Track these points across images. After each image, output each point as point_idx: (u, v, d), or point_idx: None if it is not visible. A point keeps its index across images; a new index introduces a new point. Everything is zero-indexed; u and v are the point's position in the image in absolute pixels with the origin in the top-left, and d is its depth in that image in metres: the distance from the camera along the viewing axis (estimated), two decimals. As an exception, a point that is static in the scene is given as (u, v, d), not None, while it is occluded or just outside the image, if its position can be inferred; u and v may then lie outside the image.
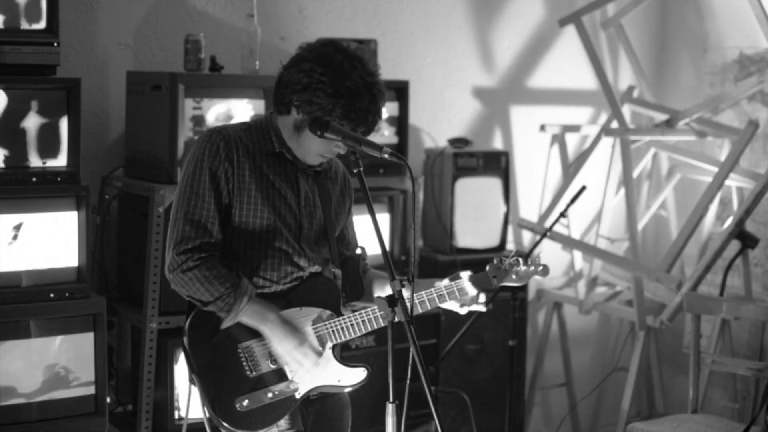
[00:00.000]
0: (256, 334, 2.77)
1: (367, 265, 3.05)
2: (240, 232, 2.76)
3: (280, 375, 2.77)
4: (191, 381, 2.76)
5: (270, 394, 2.75)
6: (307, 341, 2.77)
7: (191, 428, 3.06)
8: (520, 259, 2.85)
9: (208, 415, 2.74)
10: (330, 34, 4.50)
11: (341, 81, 2.67)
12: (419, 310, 2.81)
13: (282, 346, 2.76)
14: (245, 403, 2.72)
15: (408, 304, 2.55)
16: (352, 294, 2.99)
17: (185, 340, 2.76)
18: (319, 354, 2.78)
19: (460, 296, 2.81)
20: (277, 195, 2.78)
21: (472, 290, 2.81)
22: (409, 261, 4.44)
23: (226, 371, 2.74)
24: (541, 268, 2.87)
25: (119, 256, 4.12)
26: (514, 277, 2.85)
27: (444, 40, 5.02)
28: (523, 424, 4.92)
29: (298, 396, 2.78)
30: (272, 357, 2.77)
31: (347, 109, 2.67)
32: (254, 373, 2.75)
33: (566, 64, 5.35)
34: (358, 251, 3.01)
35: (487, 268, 2.84)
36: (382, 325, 2.78)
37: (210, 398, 2.71)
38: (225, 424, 2.71)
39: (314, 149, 2.76)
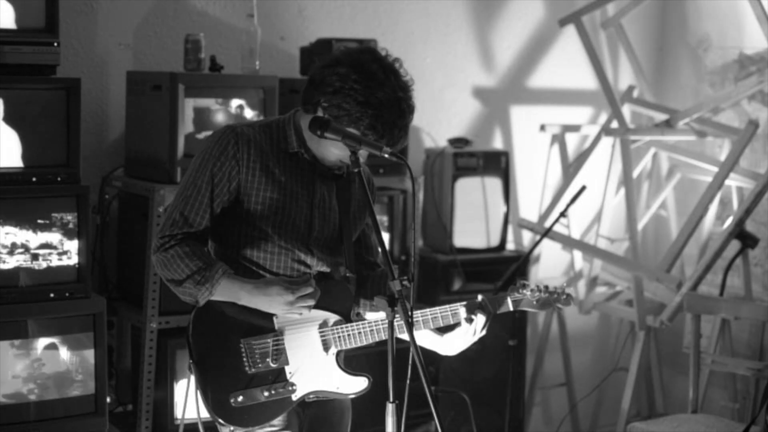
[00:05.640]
0: (260, 331, 2.76)
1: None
2: (246, 229, 2.75)
3: (279, 374, 2.76)
4: (189, 369, 2.75)
5: (266, 393, 2.73)
6: (285, 282, 2.71)
7: (190, 427, 3.05)
8: (541, 286, 2.83)
9: (203, 408, 2.72)
10: (330, 34, 4.50)
11: (373, 91, 2.64)
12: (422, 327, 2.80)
13: (272, 305, 2.71)
14: (240, 398, 2.71)
15: (408, 305, 2.54)
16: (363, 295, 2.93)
17: (189, 328, 2.75)
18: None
19: (453, 320, 2.79)
20: (288, 195, 2.75)
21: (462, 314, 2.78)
22: (409, 261, 4.44)
23: (225, 364, 2.73)
24: (564, 296, 2.85)
25: (119, 256, 4.12)
26: (534, 303, 2.83)
27: (444, 40, 5.02)
28: (523, 424, 4.91)
29: (294, 398, 2.76)
30: (274, 355, 2.75)
31: (374, 119, 2.64)
32: (253, 369, 2.74)
33: (566, 64, 5.35)
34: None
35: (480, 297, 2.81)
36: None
37: (205, 389, 2.71)
38: (218, 418, 2.71)
39: (334, 153, 2.72)
